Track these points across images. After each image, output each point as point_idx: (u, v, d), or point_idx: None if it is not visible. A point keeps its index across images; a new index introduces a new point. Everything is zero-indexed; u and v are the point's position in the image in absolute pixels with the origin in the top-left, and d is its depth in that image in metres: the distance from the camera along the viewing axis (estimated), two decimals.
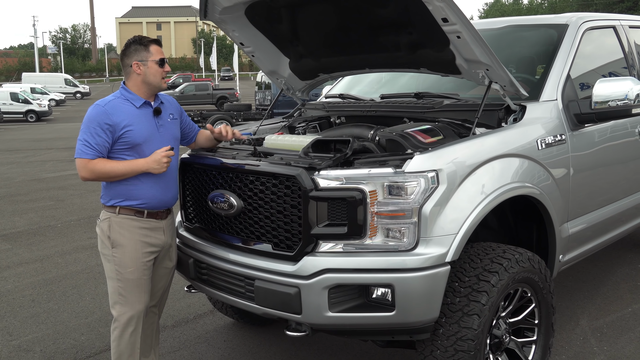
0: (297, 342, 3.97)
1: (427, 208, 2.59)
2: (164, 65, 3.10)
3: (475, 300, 2.71)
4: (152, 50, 3.07)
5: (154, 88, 3.10)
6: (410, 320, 2.63)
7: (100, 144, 2.92)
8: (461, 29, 2.83)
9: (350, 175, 2.63)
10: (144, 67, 3.05)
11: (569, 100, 3.41)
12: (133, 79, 3.07)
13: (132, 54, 3.06)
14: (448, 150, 2.73)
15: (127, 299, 3.06)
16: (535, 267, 2.99)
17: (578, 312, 4.34)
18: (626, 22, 4.31)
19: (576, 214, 3.48)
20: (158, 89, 3.13)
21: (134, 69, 3.05)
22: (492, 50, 2.91)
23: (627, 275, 5.05)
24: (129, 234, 3.03)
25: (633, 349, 3.78)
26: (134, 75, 3.06)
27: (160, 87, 3.12)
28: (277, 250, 2.81)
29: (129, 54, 3.07)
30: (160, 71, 3.09)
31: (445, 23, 2.82)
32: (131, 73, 3.07)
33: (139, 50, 3.05)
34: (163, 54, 3.13)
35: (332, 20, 3.41)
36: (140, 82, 3.06)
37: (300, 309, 2.66)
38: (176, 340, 4.09)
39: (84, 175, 2.96)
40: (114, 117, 2.94)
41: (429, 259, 2.59)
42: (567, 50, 3.57)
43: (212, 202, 3.05)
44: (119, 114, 2.96)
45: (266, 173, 2.82)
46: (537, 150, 3.11)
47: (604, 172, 3.70)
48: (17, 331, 4.32)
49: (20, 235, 7.07)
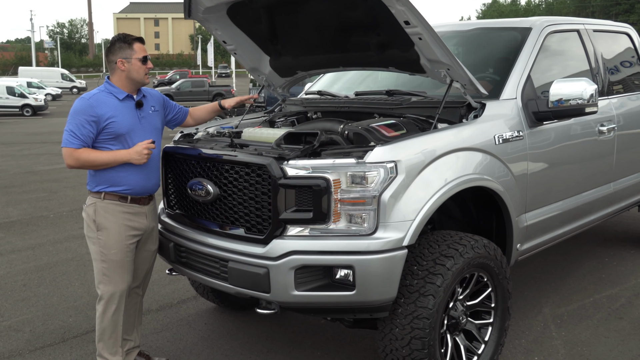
0: (274, 325, 4.19)
1: (386, 196, 2.81)
2: (146, 63, 3.31)
3: (431, 282, 2.93)
4: (136, 48, 3.28)
5: (137, 83, 3.32)
6: (369, 299, 2.85)
7: (85, 134, 3.14)
8: (422, 31, 3.05)
9: (316, 165, 2.85)
10: (127, 64, 3.25)
11: (528, 99, 3.63)
12: (117, 75, 3.28)
13: (116, 52, 3.27)
14: (407, 143, 2.95)
15: (111, 278, 3.27)
16: (490, 254, 3.21)
17: (542, 301, 4.57)
18: (591, 26, 4.54)
19: (534, 206, 3.71)
20: (141, 84, 3.34)
21: (118, 66, 3.26)
22: (451, 52, 3.14)
23: (594, 268, 5.29)
24: (113, 217, 3.25)
25: (589, 334, 4.01)
26: (118, 72, 3.27)
27: (143, 82, 3.34)
28: (249, 234, 3.03)
29: (113, 51, 3.28)
30: (144, 68, 3.30)
31: (408, 25, 3.05)
32: (116, 69, 3.28)
33: (123, 48, 3.26)
34: (146, 52, 3.34)
35: (307, 21, 3.63)
36: (124, 77, 3.27)
37: (269, 288, 2.88)
38: (159, 323, 4.31)
39: (69, 163, 3.18)
40: (98, 110, 3.15)
41: (387, 243, 2.81)
42: (529, 52, 3.79)
43: (190, 189, 3.27)
44: (102, 107, 3.17)
45: (240, 162, 3.04)
46: (494, 145, 3.33)
47: (562, 167, 3.93)
48: (8, 313, 4.53)
49: (14, 224, 7.28)
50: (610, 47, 4.79)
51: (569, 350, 3.79)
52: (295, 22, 3.70)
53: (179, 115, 3.69)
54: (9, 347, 3.95)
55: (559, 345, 3.86)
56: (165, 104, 3.59)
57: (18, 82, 34.19)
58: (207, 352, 3.85)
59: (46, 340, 4.04)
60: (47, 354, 3.86)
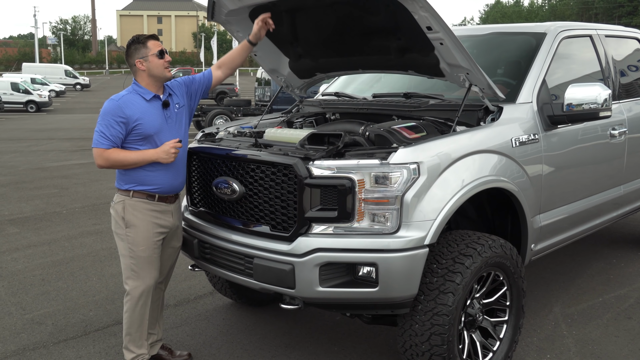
0: (291, 321, 4.29)
1: (408, 196, 2.90)
2: (163, 56, 3.36)
3: (451, 280, 3.03)
4: (150, 45, 3.34)
5: (160, 79, 3.38)
6: (391, 296, 2.95)
7: (114, 135, 3.23)
8: (444, 36, 3.15)
9: (341, 165, 2.95)
10: (146, 63, 3.33)
11: (543, 103, 3.73)
12: (140, 76, 3.37)
13: (133, 54, 3.35)
14: (429, 145, 3.05)
15: (139, 274, 3.37)
16: (507, 253, 3.30)
17: (552, 300, 4.67)
18: (602, 32, 4.64)
19: (548, 207, 3.80)
20: (164, 79, 3.40)
21: (138, 67, 3.34)
22: (471, 56, 3.23)
23: (602, 269, 5.39)
24: (141, 215, 3.34)
25: (599, 333, 4.11)
26: (140, 72, 3.36)
27: (166, 76, 3.39)
28: (274, 232, 3.13)
29: (130, 54, 3.37)
30: (162, 62, 3.35)
31: (430, 31, 3.14)
32: (137, 71, 3.36)
33: (138, 48, 3.34)
34: (161, 46, 3.39)
35: (329, 25, 3.72)
36: (146, 77, 3.35)
37: (294, 284, 2.98)
38: (178, 318, 4.41)
39: (100, 163, 3.27)
40: (127, 111, 3.24)
41: (409, 242, 2.90)
42: (544, 56, 3.89)
43: (216, 187, 3.37)
44: (131, 108, 3.26)
45: (266, 162, 3.14)
46: (511, 148, 3.43)
47: (575, 169, 4.02)
48: (30, 306, 4.63)
49: (28, 220, 7.38)
50: (620, 52, 4.89)
51: (580, 349, 3.88)
52: (317, 26, 3.79)
53: (204, 84, 3.64)
54: (33, 339, 4.06)
55: (570, 343, 3.96)
56: (188, 89, 3.58)
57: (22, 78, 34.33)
58: (227, 346, 3.95)
59: (69, 333, 4.14)
60: (70, 346, 3.96)
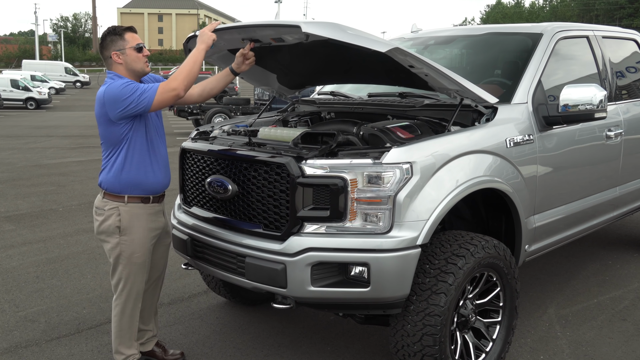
0: (284, 321, 4.28)
1: (401, 196, 2.89)
2: (142, 51, 3.22)
3: (443, 280, 3.02)
4: (128, 38, 3.18)
5: (139, 73, 3.25)
6: (383, 296, 2.93)
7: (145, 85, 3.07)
8: (427, 71, 3.14)
9: (333, 164, 2.94)
10: (123, 56, 3.17)
11: (538, 104, 3.71)
12: (116, 68, 3.19)
13: (109, 45, 3.18)
14: (422, 145, 3.03)
15: (130, 280, 3.32)
16: (500, 254, 3.29)
17: (547, 302, 4.66)
18: (599, 33, 4.63)
19: (543, 208, 3.79)
20: (142, 74, 3.27)
21: (114, 59, 3.17)
22: (457, 79, 3.18)
23: (597, 271, 5.38)
24: (137, 222, 3.27)
25: (593, 335, 4.10)
26: (116, 65, 3.19)
27: (144, 71, 3.26)
28: (266, 231, 3.11)
29: (106, 46, 3.20)
30: (140, 56, 3.21)
31: (412, 68, 3.15)
32: (112, 64, 3.19)
33: (115, 40, 3.18)
34: (139, 40, 3.24)
35: (318, 59, 3.73)
36: (124, 70, 3.19)
37: (285, 284, 2.96)
38: (172, 316, 4.40)
39: (175, 84, 3.05)
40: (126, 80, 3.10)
41: (401, 242, 2.89)
42: (540, 57, 3.87)
43: (209, 186, 3.36)
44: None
45: (259, 161, 3.13)
46: (505, 148, 3.42)
47: (570, 170, 4.01)
48: (23, 303, 4.62)
49: (24, 217, 7.37)
50: (618, 54, 4.88)
51: (573, 350, 3.87)
52: (302, 59, 3.79)
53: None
54: (26, 336, 4.04)
55: (563, 344, 3.95)
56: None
57: (22, 75, 34.32)
58: (220, 345, 3.94)
59: (61, 331, 4.13)
60: (63, 344, 3.94)
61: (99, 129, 3.22)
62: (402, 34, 5.28)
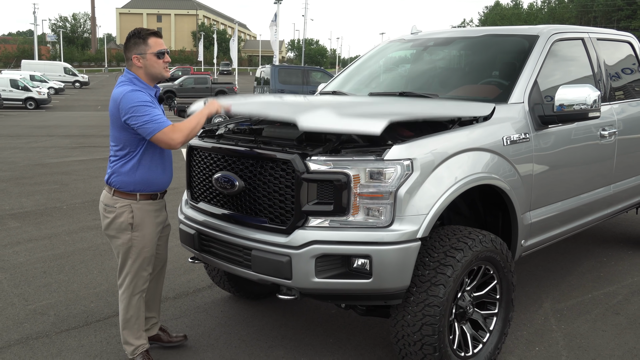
0: (287, 314, 4.40)
1: (402, 191, 3.01)
2: (163, 57, 3.32)
3: (442, 272, 3.14)
4: (150, 43, 3.29)
5: (157, 78, 3.37)
6: (384, 287, 3.06)
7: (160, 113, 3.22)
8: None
9: (337, 161, 3.06)
10: (143, 60, 3.29)
11: (534, 103, 3.84)
12: (136, 71, 3.32)
13: (131, 48, 3.31)
14: (422, 142, 3.16)
15: (138, 273, 3.45)
16: (497, 248, 3.41)
17: (543, 296, 4.78)
18: (594, 35, 4.75)
19: (538, 205, 3.91)
20: (162, 79, 3.39)
21: (134, 62, 3.30)
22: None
23: (593, 267, 5.51)
24: (148, 218, 3.41)
25: (587, 328, 4.22)
26: (135, 68, 3.31)
27: (163, 76, 3.37)
28: (272, 224, 3.23)
29: (129, 48, 3.32)
30: (160, 62, 3.31)
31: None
32: (132, 65, 3.32)
33: (137, 43, 3.28)
34: (162, 45, 3.33)
35: None
36: (143, 73, 3.33)
37: (290, 275, 3.09)
38: (177, 310, 4.51)
39: (177, 137, 3.17)
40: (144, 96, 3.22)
41: (402, 235, 3.02)
42: (536, 58, 4.00)
43: (216, 182, 3.48)
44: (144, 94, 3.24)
45: (265, 157, 3.25)
46: (502, 146, 3.54)
47: (565, 168, 4.14)
48: (32, 297, 4.73)
49: (28, 215, 7.47)
50: (612, 55, 5.00)
51: (568, 342, 4.00)
52: None
53: None
54: (36, 328, 4.16)
55: (558, 337, 4.07)
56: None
57: (21, 75, 34.39)
58: (225, 337, 4.05)
59: (71, 324, 4.24)
60: (72, 335, 4.06)
61: (113, 130, 3.33)
62: (402, 35, 5.41)
